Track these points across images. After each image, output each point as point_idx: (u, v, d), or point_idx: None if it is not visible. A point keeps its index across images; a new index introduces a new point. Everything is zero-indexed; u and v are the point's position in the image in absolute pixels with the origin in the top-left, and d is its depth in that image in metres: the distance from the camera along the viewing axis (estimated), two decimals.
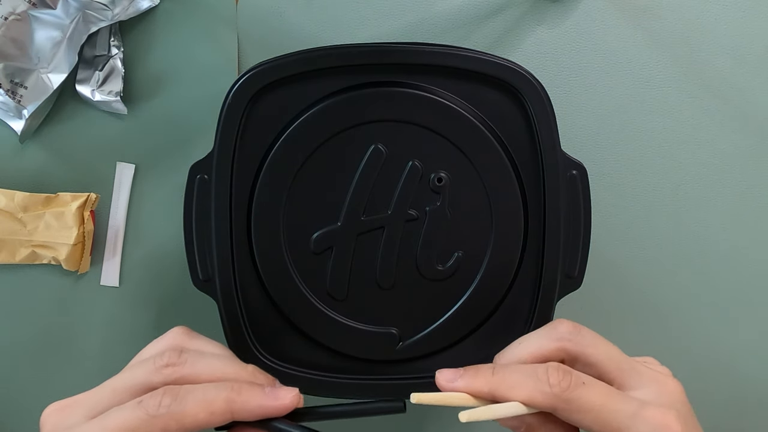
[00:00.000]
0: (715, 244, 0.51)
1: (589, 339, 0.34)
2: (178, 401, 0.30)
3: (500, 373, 0.33)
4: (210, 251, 0.42)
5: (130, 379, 0.33)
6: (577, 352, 0.34)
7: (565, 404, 0.31)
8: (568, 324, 0.35)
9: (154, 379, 0.32)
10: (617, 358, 0.34)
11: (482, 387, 0.32)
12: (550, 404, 0.32)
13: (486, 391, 0.32)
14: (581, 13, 0.50)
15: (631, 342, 0.51)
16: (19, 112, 0.47)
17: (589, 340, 0.34)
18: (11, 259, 0.47)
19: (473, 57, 0.41)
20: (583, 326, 0.35)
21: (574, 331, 0.34)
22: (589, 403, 0.31)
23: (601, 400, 0.32)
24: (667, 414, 0.32)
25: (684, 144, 0.51)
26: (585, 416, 0.31)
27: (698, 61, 0.51)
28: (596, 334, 0.35)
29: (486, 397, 0.33)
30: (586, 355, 0.34)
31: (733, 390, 0.52)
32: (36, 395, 0.49)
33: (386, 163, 0.42)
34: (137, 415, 0.30)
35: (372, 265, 0.42)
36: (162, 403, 0.30)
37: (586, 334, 0.35)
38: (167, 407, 0.30)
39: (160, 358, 0.33)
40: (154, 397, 0.30)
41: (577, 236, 0.42)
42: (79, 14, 0.47)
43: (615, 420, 0.31)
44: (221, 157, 0.41)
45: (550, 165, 0.41)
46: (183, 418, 0.30)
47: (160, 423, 0.30)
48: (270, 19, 0.50)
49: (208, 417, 0.30)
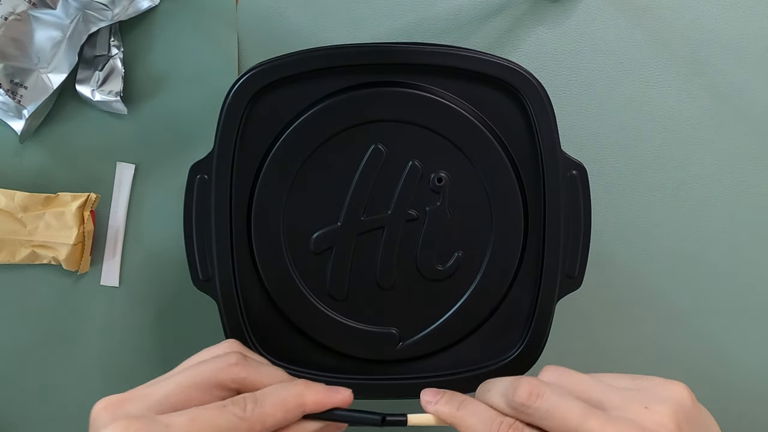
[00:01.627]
0: (715, 244, 0.51)
1: (543, 411, 0.33)
2: (259, 404, 0.33)
3: (464, 410, 0.35)
4: (210, 251, 0.42)
5: (197, 375, 0.33)
6: (533, 422, 0.33)
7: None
8: (525, 389, 0.33)
9: (222, 376, 0.33)
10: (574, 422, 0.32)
11: (447, 417, 0.35)
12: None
13: (449, 421, 0.35)
14: (581, 13, 0.50)
15: (631, 342, 0.51)
16: (19, 112, 0.47)
17: (543, 412, 0.33)
18: (11, 259, 0.47)
19: (473, 57, 0.41)
20: (546, 387, 0.33)
21: (528, 403, 0.33)
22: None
23: None
24: None
25: (684, 144, 0.51)
26: None
27: (698, 61, 0.51)
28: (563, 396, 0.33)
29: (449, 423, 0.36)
30: (541, 426, 0.33)
31: (733, 389, 0.52)
32: (36, 395, 0.49)
33: (386, 163, 0.42)
34: (227, 418, 0.32)
35: (372, 265, 0.42)
36: (247, 407, 0.32)
37: (542, 405, 0.33)
38: (252, 411, 0.32)
39: (227, 358, 0.34)
40: (239, 402, 0.32)
41: (577, 236, 0.42)
42: (79, 14, 0.47)
43: None
44: (221, 157, 0.41)
45: (550, 165, 0.41)
46: (265, 419, 0.32)
47: (247, 425, 0.32)
48: (270, 19, 0.50)
49: (285, 415, 0.33)
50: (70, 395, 0.49)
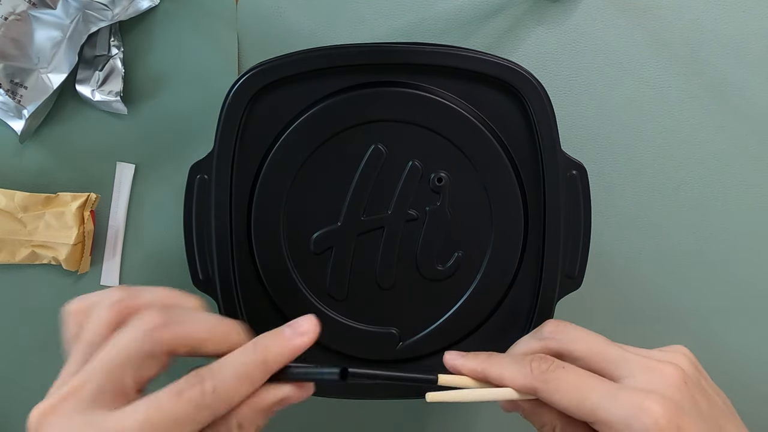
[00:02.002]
0: (715, 244, 0.51)
1: (571, 335, 0.35)
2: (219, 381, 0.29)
3: (493, 358, 0.35)
4: (210, 251, 0.42)
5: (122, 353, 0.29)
6: (561, 349, 0.35)
7: (545, 385, 0.33)
8: (552, 324, 0.36)
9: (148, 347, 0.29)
10: (603, 350, 0.34)
11: (476, 367, 0.35)
12: (530, 385, 0.33)
13: (479, 370, 0.35)
14: (581, 13, 0.50)
15: (631, 342, 0.51)
16: (19, 112, 0.47)
17: (571, 336, 0.35)
18: (11, 259, 0.47)
19: (473, 57, 0.41)
20: (568, 324, 0.36)
21: (557, 330, 0.36)
22: (565, 384, 0.33)
23: (576, 382, 0.33)
24: (647, 397, 0.31)
25: (684, 144, 0.51)
26: (562, 397, 0.33)
27: (698, 61, 0.51)
28: (581, 329, 0.36)
29: (479, 378, 0.35)
30: (569, 351, 0.35)
31: (733, 389, 0.52)
32: (36, 395, 0.49)
33: (386, 163, 0.42)
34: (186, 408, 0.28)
35: (372, 265, 0.42)
36: (206, 388, 0.28)
37: (570, 331, 0.36)
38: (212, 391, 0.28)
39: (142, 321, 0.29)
40: (194, 384, 0.28)
41: (577, 236, 0.42)
42: (79, 14, 0.47)
43: (590, 400, 0.32)
44: (221, 157, 0.41)
45: (550, 165, 0.41)
46: (231, 398, 0.29)
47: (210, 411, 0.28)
48: (270, 19, 0.50)
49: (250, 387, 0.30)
50: None
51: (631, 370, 0.33)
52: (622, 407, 0.31)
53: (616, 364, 0.34)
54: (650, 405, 0.31)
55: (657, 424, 0.30)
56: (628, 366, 0.33)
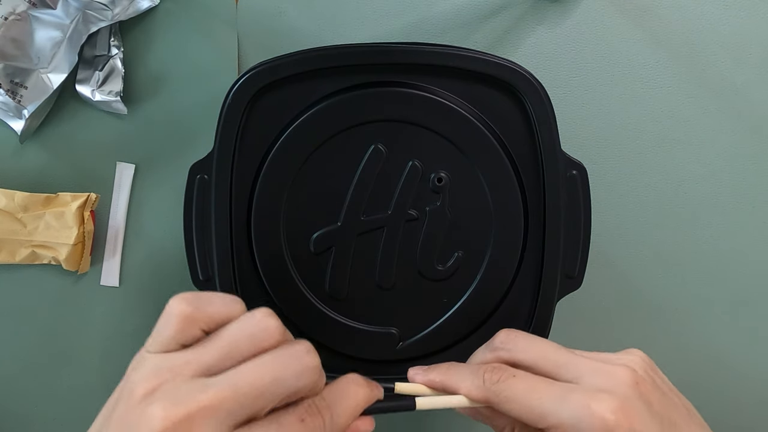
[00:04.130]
0: (715, 243, 0.51)
1: (521, 345, 0.35)
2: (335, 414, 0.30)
3: (452, 370, 0.36)
4: (210, 251, 0.42)
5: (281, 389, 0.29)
6: (512, 358, 0.35)
7: (495, 396, 0.33)
8: (503, 334, 0.37)
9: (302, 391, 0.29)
10: (553, 356, 0.34)
11: (435, 378, 0.36)
12: (484, 397, 0.34)
13: (438, 381, 0.35)
14: (581, 13, 0.50)
15: (631, 342, 0.51)
16: (19, 112, 0.47)
17: (521, 345, 0.35)
18: (11, 259, 0.47)
19: (473, 57, 0.41)
20: (519, 332, 0.36)
21: (507, 340, 0.36)
22: (515, 392, 0.33)
23: (525, 388, 0.33)
24: (595, 397, 0.31)
25: (684, 144, 0.51)
26: (513, 406, 0.33)
27: (698, 61, 0.51)
28: (532, 337, 0.36)
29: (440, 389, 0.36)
30: (520, 360, 0.35)
31: (732, 388, 0.52)
32: (36, 395, 0.49)
33: (386, 163, 0.42)
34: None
35: (372, 265, 0.42)
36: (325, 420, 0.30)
37: (520, 340, 0.36)
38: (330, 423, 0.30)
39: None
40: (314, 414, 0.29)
41: (577, 236, 0.42)
42: (79, 14, 0.47)
43: (539, 406, 0.32)
44: (221, 157, 0.41)
45: (550, 165, 0.41)
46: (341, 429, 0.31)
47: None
48: (270, 19, 0.50)
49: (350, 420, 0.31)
50: (70, 396, 0.49)
51: (582, 373, 0.33)
52: (571, 409, 0.31)
53: (566, 368, 0.34)
54: (598, 405, 0.31)
55: (605, 423, 0.30)
56: (578, 369, 0.33)
